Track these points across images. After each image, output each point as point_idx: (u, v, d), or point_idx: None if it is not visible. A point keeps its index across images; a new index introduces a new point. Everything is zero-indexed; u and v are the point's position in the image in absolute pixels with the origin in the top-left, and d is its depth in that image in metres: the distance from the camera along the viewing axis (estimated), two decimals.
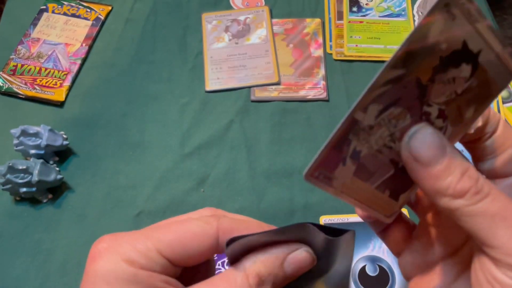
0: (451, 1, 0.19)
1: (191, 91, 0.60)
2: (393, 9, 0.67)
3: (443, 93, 0.21)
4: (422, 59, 0.19)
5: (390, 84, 0.19)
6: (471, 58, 0.20)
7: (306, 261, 0.23)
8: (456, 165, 0.20)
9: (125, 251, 0.22)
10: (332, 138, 0.20)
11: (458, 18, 0.19)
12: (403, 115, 0.21)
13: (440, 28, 0.19)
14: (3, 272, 0.48)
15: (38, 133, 0.52)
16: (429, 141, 0.20)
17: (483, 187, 0.20)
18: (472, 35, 0.20)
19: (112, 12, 0.68)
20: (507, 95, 0.59)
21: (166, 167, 0.55)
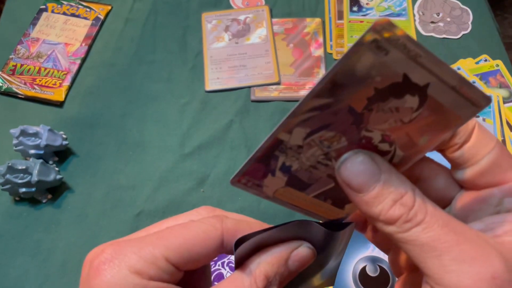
0: (381, 36, 0.18)
1: (191, 91, 0.60)
2: (394, 9, 0.67)
3: (385, 120, 0.21)
4: (353, 89, 0.19)
5: (316, 110, 0.20)
6: (418, 90, 0.20)
7: (309, 257, 0.24)
8: (389, 192, 0.20)
9: (131, 261, 0.21)
10: (256, 153, 0.21)
11: (393, 53, 0.18)
12: (337, 138, 0.21)
13: (369, 62, 0.19)
14: (3, 272, 0.48)
15: (37, 133, 0.52)
16: (358, 170, 0.20)
17: (415, 215, 0.19)
18: (414, 68, 0.19)
19: (111, 12, 0.67)
20: (507, 95, 0.58)
21: (166, 167, 0.54)
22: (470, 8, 0.67)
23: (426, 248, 0.19)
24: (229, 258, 0.47)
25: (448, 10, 0.67)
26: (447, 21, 0.66)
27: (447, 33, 0.65)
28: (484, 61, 0.62)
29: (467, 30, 0.65)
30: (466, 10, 0.67)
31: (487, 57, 0.62)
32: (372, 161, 0.21)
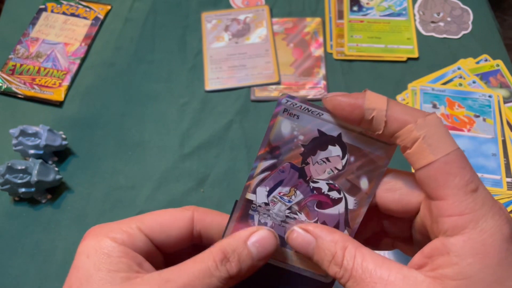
0: (287, 107, 0.24)
1: (191, 91, 0.60)
2: (394, 8, 0.67)
3: (323, 170, 0.25)
4: (287, 149, 0.25)
5: (267, 171, 0.25)
6: (334, 140, 0.25)
7: (269, 240, 0.25)
8: (324, 255, 0.24)
9: (110, 230, 0.25)
10: (234, 214, 0.26)
11: (302, 116, 0.24)
12: (292, 192, 0.26)
13: (289, 126, 0.25)
14: (3, 272, 0.48)
15: (37, 133, 0.52)
16: (297, 243, 0.25)
17: (345, 272, 0.23)
18: (323, 124, 0.24)
19: (111, 12, 0.67)
20: (507, 94, 0.58)
21: (165, 167, 0.54)
22: (470, 7, 0.67)
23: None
24: None
25: (449, 10, 0.67)
26: (447, 20, 0.66)
27: (448, 32, 0.65)
28: (485, 61, 0.61)
29: (468, 30, 0.65)
30: (466, 9, 0.67)
31: (487, 57, 0.62)
32: (305, 233, 0.25)
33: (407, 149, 0.23)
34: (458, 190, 0.21)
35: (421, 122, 0.22)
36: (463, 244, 0.21)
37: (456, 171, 0.22)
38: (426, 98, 0.58)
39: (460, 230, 0.21)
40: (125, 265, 0.23)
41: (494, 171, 0.52)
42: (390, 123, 0.23)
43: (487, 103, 0.57)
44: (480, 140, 0.54)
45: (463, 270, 0.21)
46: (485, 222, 0.21)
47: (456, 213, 0.21)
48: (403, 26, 0.65)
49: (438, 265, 0.21)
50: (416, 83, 0.59)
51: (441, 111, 0.57)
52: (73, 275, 0.24)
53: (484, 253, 0.21)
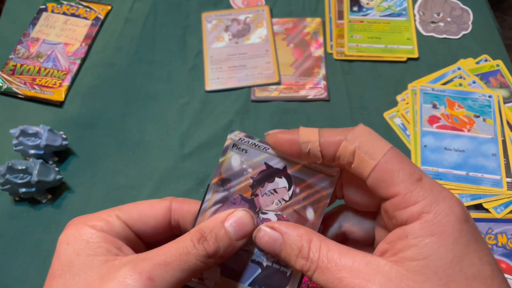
0: (236, 142, 0.27)
1: (191, 91, 0.60)
2: (394, 9, 0.67)
3: (271, 202, 0.27)
4: (237, 182, 0.26)
5: (219, 203, 0.27)
6: (280, 173, 0.26)
7: (246, 219, 0.26)
8: (291, 250, 0.25)
9: (89, 219, 0.26)
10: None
11: (250, 151, 0.26)
12: None
13: (239, 160, 0.26)
14: (3, 273, 0.48)
15: (37, 133, 0.52)
16: (264, 241, 0.26)
17: (312, 263, 0.24)
18: (270, 158, 0.26)
19: (111, 12, 0.67)
20: (507, 95, 0.58)
21: (165, 167, 0.54)
22: (470, 8, 0.67)
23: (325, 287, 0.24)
24: None
25: (449, 10, 0.67)
26: (447, 21, 0.66)
27: (448, 33, 0.65)
28: (485, 61, 0.61)
29: (468, 30, 0.65)
30: (466, 10, 0.67)
31: (487, 57, 0.62)
32: (272, 230, 0.26)
33: (351, 164, 0.24)
34: (405, 183, 0.23)
35: (351, 136, 0.24)
36: (419, 226, 0.22)
37: (397, 167, 0.23)
38: (426, 98, 0.58)
39: (416, 217, 0.23)
40: (103, 249, 0.24)
41: (494, 171, 0.52)
42: (326, 150, 0.25)
43: (487, 103, 0.57)
44: (480, 140, 0.54)
45: (422, 250, 0.22)
46: (437, 205, 0.23)
47: (409, 204, 0.23)
48: (403, 26, 0.65)
49: (398, 249, 0.23)
50: (416, 83, 0.60)
51: (441, 111, 0.57)
52: (55, 263, 0.25)
53: (440, 233, 0.22)
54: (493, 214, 0.50)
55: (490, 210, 0.50)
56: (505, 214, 0.50)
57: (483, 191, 0.51)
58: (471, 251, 0.22)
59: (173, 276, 0.23)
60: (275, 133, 0.26)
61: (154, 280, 0.23)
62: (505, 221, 0.50)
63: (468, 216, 0.23)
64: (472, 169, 0.52)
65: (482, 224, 0.49)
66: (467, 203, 0.50)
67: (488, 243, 0.49)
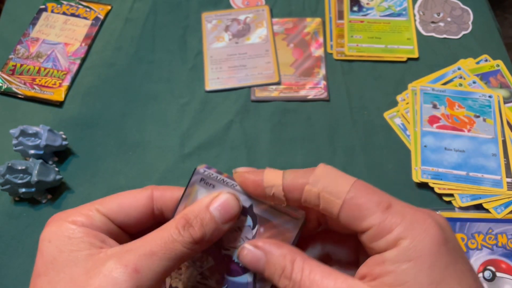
0: (204, 176, 0.26)
1: (191, 91, 0.60)
2: (394, 9, 0.67)
3: (235, 239, 0.27)
4: None
5: None
6: (246, 211, 0.26)
7: (231, 202, 0.26)
8: (274, 269, 0.25)
9: (69, 215, 0.26)
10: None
11: (217, 186, 0.26)
12: (204, 257, 0.27)
13: (205, 194, 0.26)
14: (3, 272, 0.48)
15: (37, 133, 0.52)
16: (247, 259, 0.26)
17: (294, 284, 0.24)
18: (238, 195, 0.26)
19: (111, 12, 0.67)
20: (508, 95, 0.58)
21: (166, 167, 0.54)
22: (470, 8, 0.67)
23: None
24: None
25: (449, 10, 0.67)
26: (447, 21, 0.66)
27: (448, 33, 0.65)
28: (485, 61, 0.61)
29: (468, 30, 0.65)
30: (466, 10, 0.67)
31: (487, 57, 0.62)
32: (255, 249, 0.26)
33: (318, 206, 0.24)
34: (375, 214, 0.23)
35: (312, 179, 0.24)
36: (396, 253, 0.22)
37: (363, 200, 0.23)
38: (426, 98, 0.58)
39: (393, 244, 0.23)
40: (86, 244, 0.24)
41: (494, 171, 0.52)
42: (290, 194, 0.25)
43: (487, 103, 0.57)
44: (480, 140, 0.54)
45: (399, 276, 0.22)
46: (412, 230, 0.22)
47: (384, 233, 0.23)
48: (403, 26, 0.65)
49: (377, 274, 0.23)
50: (416, 83, 0.59)
51: (441, 111, 0.57)
52: (38, 261, 0.25)
53: (416, 258, 0.22)
54: (493, 214, 0.50)
55: (490, 210, 0.50)
56: (505, 214, 0.50)
57: (483, 191, 0.51)
58: (449, 274, 0.22)
59: (160, 265, 0.23)
60: (243, 172, 0.26)
61: (140, 272, 0.23)
62: (505, 221, 0.50)
63: (447, 236, 0.23)
64: (472, 169, 0.52)
65: (483, 224, 0.49)
66: (467, 203, 0.50)
67: (488, 243, 0.49)
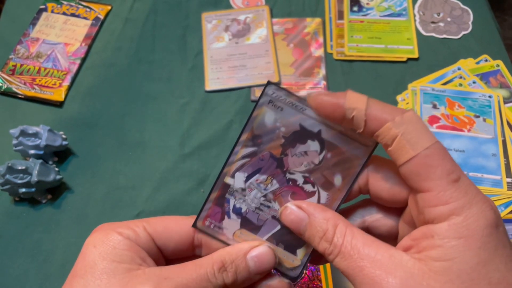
0: (273, 98, 0.25)
1: (191, 91, 0.60)
2: (394, 9, 0.67)
3: (300, 163, 0.26)
4: (268, 138, 0.26)
5: (247, 157, 0.26)
6: (314, 136, 0.26)
7: (268, 256, 0.26)
8: (316, 231, 0.25)
9: (117, 226, 0.26)
10: (210, 196, 0.27)
11: (286, 109, 0.25)
12: (269, 180, 0.27)
13: (273, 117, 0.26)
14: (3, 272, 0.48)
15: (37, 133, 0.52)
16: (290, 219, 0.26)
17: (335, 248, 0.24)
18: (305, 119, 0.25)
19: (111, 12, 0.67)
20: (508, 95, 0.58)
21: (166, 167, 0.54)
22: (470, 8, 0.67)
23: (345, 274, 0.24)
24: None
25: (449, 10, 0.67)
26: (447, 21, 0.66)
27: (448, 33, 0.65)
28: (485, 61, 0.61)
29: (468, 30, 0.65)
30: (466, 10, 0.67)
31: (487, 57, 0.62)
32: (299, 210, 0.26)
33: (388, 146, 0.24)
34: (440, 181, 0.22)
35: (398, 120, 0.23)
36: (447, 228, 0.22)
37: (436, 163, 0.23)
38: (426, 98, 0.58)
39: (445, 218, 0.22)
40: (128, 257, 0.25)
41: (494, 171, 0.52)
42: (370, 122, 0.24)
43: (487, 103, 0.57)
44: (480, 140, 0.54)
45: (447, 252, 0.22)
46: (469, 209, 0.22)
47: (440, 203, 0.22)
48: (403, 27, 0.65)
49: (423, 247, 0.23)
50: (416, 83, 0.60)
51: (441, 111, 0.57)
52: (79, 263, 0.25)
53: (467, 236, 0.22)
54: None
55: None
56: (505, 214, 0.50)
57: (483, 191, 0.51)
58: (498, 256, 0.22)
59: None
60: (319, 94, 0.25)
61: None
62: (506, 221, 0.50)
63: (499, 221, 0.23)
64: (472, 169, 0.52)
65: None
66: None
67: None
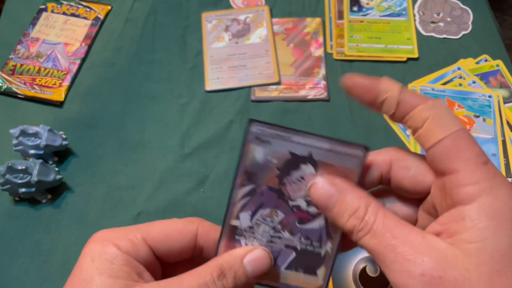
0: (258, 134, 0.26)
1: (191, 91, 0.60)
2: (394, 9, 0.67)
3: (299, 189, 0.27)
4: (263, 173, 0.26)
5: (247, 196, 0.27)
6: (306, 159, 0.26)
7: (264, 259, 0.27)
8: (345, 208, 0.25)
9: (116, 237, 0.25)
10: (222, 239, 0.27)
11: (273, 142, 0.26)
12: (273, 213, 0.27)
13: (262, 152, 0.26)
14: (3, 272, 0.48)
15: (37, 133, 0.52)
16: (319, 193, 0.26)
17: (365, 225, 0.24)
18: (294, 146, 0.26)
19: (111, 12, 0.67)
20: (507, 95, 0.58)
21: (166, 167, 0.54)
22: (470, 8, 0.67)
23: (374, 253, 0.23)
24: None
25: (449, 10, 0.67)
26: (447, 21, 0.66)
27: (448, 33, 0.65)
28: (485, 61, 0.61)
29: (467, 30, 0.65)
30: (466, 10, 0.67)
31: (487, 57, 0.62)
32: (330, 184, 0.26)
33: (418, 129, 0.24)
34: (470, 162, 0.23)
35: (430, 104, 0.24)
36: (478, 209, 0.22)
37: (466, 146, 0.23)
38: None
39: (474, 198, 0.22)
40: (125, 273, 0.24)
41: None
42: (402, 105, 0.25)
43: (487, 103, 0.57)
44: (480, 140, 0.54)
45: (479, 232, 0.22)
46: (498, 190, 0.22)
47: (470, 182, 0.22)
48: (403, 26, 0.65)
49: (454, 231, 0.22)
50: (416, 83, 0.60)
51: None
52: (76, 276, 0.25)
53: (498, 217, 0.22)
54: None
55: None
56: None
57: None
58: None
59: None
60: (354, 76, 0.25)
61: None
62: None
63: None
64: None
65: None
66: None
67: None
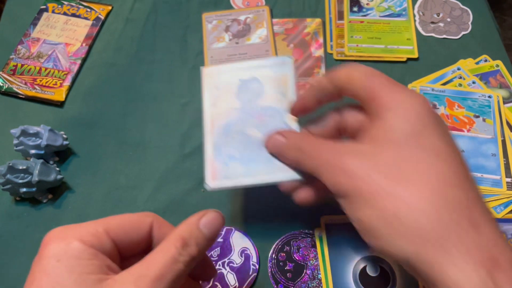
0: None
1: (192, 91, 0.60)
2: (394, 9, 0.67)
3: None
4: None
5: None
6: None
7: (216, 219, 0.29)
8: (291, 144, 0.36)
9: (77, 233, 0.25)
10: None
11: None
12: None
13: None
14: (3, 272, 0.48)
15: (38, 133, 0.52)
16: (271, 144, 0.37)
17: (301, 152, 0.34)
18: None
19: (112, 12, 0.67)
20: (507, 95, 0.58)
21: (166, 167, 0.54)
22: (470, 8, 0.67)
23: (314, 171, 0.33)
24: (229, 258, 0.47)
25: (448, 10, 0.67)
26: (447, 21, 0.66)
27: (447, 33, 0.65)
28: (484, 61, 0.62)
29: (467, 30, 0.65)
30: (466, 10, 0.67)
31: (487, 57, 0.62)
32: (280, 136, 0.37)
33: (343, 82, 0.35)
34: (383, 85, 0.32)
35: (351, 66, 0.36)
36: (391, 105, 0.30)
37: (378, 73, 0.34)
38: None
39: (391, 101, 0.31)
40: (96, 267, 0.24)
41: (494, 171, 0.52)
42: (333, 78, 0.37)
43: (487, 104, 0.57)
44: (480, 140, 0.54)
45: (385, 125, 0.29)
46: (404, 95, 0.31)
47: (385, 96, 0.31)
48: (403, 27, 0.65)
49: (370, 133, 0.31)
50: (416, 84, 0.60)
51: (441, 112, 0.57)
52: (43, 280, 0.24)
53: (404, 111, 0.29)
54: (493, 214, 0.50)
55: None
56: (505, 214, 0.50)
57: (483, 191, 0.51)
58: (431, 129, 0.27)
59: (168, 287, 0.24)
60: (292, 109, 0.39)
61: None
62: (505, 221, 0.50)
63: (432, 109, 0.29)
64: (472, 169, 0.52)
65: None
66: None
67: None
